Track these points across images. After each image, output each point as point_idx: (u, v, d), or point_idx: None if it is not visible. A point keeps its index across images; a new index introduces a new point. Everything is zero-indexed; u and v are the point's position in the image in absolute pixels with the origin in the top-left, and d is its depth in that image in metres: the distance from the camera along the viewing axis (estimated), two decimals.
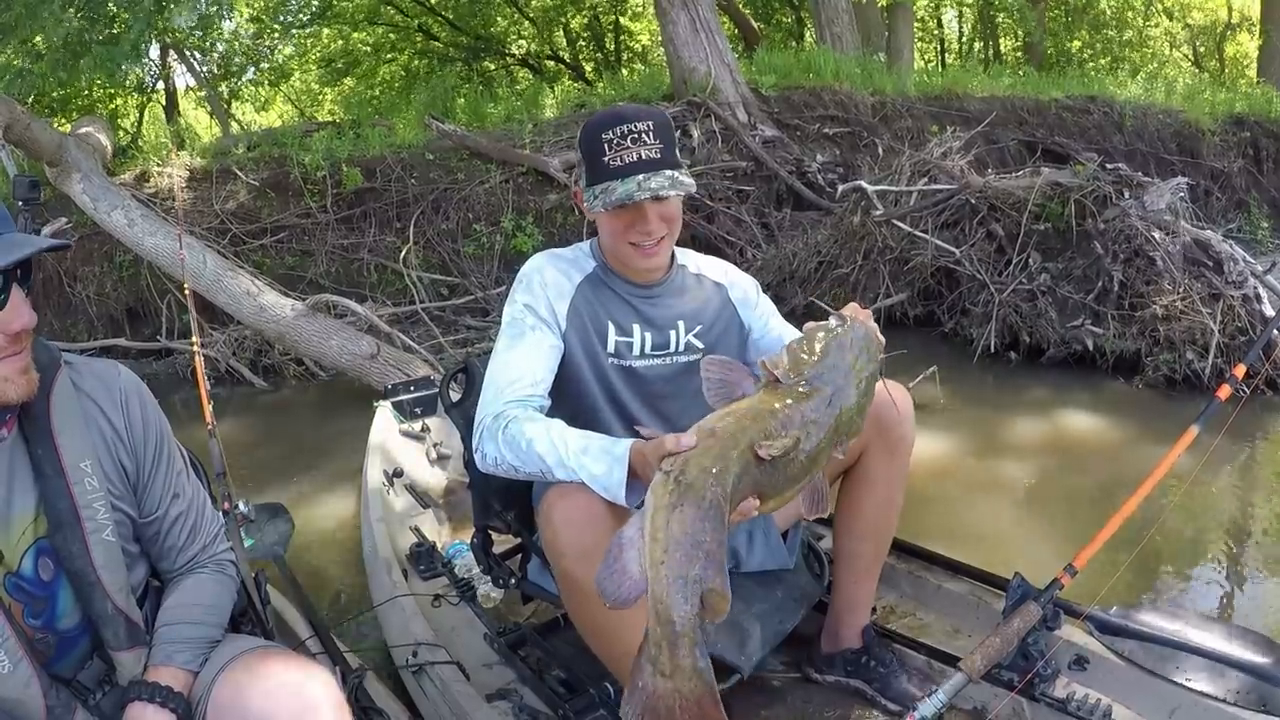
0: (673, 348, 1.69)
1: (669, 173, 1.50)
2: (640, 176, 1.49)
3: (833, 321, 1.31)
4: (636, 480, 1.31)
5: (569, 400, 1.63)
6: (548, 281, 1.63)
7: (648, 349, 1.67)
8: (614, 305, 1.66)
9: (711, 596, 1.07)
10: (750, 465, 1.15)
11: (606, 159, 1.51)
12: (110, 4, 7.78)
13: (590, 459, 1.35)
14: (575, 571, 1.36)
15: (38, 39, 7.59)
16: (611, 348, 1.65)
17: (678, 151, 1.56)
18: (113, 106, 10.34)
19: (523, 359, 1.56)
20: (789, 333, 1.74)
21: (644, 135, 1.51)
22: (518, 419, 1.46)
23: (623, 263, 1.64)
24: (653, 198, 1.50)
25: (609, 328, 1.65)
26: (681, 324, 1.69)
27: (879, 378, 1.34)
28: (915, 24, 14.59)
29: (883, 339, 1.35)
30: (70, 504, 1.15)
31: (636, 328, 1.66)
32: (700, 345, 1.70)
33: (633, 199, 1.49)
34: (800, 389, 1.23)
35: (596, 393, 1.65)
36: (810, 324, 1.32)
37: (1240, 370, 1.90)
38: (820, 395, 1.23)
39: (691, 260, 1.77)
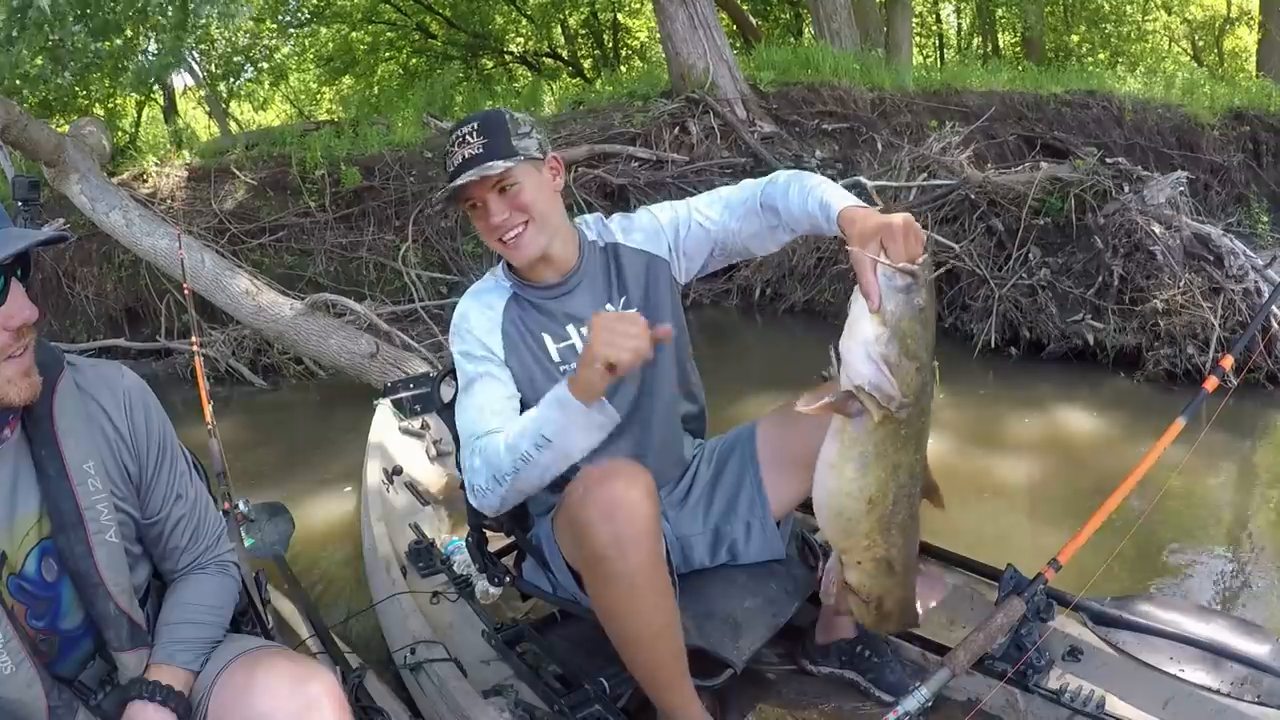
0: None
1: (489, 162, 1.51)
2: (465, 174, 1.51)
3: (905, 293, 1.12)
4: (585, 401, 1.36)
5: None
6: (473, 324, 1.64)
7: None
8: (539, 317, 1.66)
9: None
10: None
11: (448, 169, 1.56)
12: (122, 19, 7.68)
13: (550, 420, 1.38)
14: (608, 554, 1.38)
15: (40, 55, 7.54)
16: (557, 358, 1.64)
17: (515, 139, 1.55)
18: (111, 106, 10.33)
19: (481, 402, 1.57)
20: (703, 204, 1.69)
21: (468, 136, 1.54)
22: (484, 444, 1.48)
23: (517, 267, 1.65)
24: (481, 178, 1.51)
25: (545, 340, 1.64)
26: (608, 305, 1.68)
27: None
28: (913, 19, 14.56)
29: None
30: (74, 505, 1.15)
31: (570, 329, 1.65)
32: (632, 311, 1.66)
33: (449, 193, 1.54)
34: (912, 405, 1.16)
35: None
36: (894, 308, 1.13)
37: (1228, 362, 1.91)
38: (926, 391, 1.17)
39: (595, 231, 1.74)
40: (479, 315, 1.65)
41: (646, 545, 1.39)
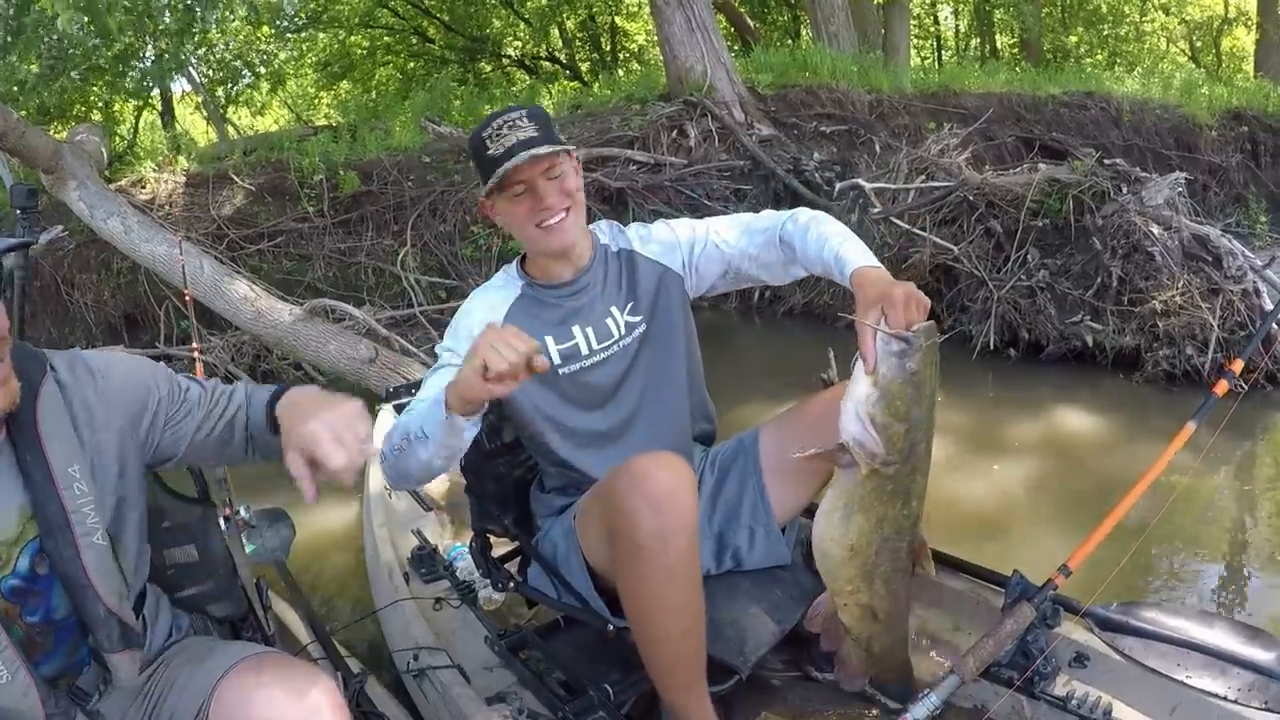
0: (616, 335, 1.68)
1: (544, 145, 1.52)
2: (523, 152, 1.51)
3: (898, 357, 1.19)
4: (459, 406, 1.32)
5: (527, 427, 1.68)
6: (475, 321, 1.61)
7: (594, 345, 1.66)
8: (547, 316, 1.66)
9: None
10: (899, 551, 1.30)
11: (490, 151, 1.54)
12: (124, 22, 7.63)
13: (431, 418, 1.37)
14: (650, 545, 1.39)
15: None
16: (558, 359, 1.64)
17: (559, 135, 1.57)
18: (109, 112, 10.32)
19: (434, 381, 1.55)
20: (722, 226, 1.71)
21: (518, 121, 1.55)
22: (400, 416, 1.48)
23: (541, 258, 1.65)
24: (532, 159, 1.51)
25: (547, 342, 1.64)
26: (614, 308, 1.69)
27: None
28: (911, 21, 14.59)
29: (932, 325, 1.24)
30: (60, 509, 1.15)
31: (576, 329, 1.66)
32: (639, 318, 1.70)
33: (514, 164, 1.51)
34: (900, 463, 1.21)
35: (548, 410, 1.66)
36: (886, 370, 1.20)
37: (1237, 365, 1.90)
38: (916, 451, 1.23)
39: (608, 236, 1.76)
40: (484, 313, 1.63)
41: (687, 539, 1.40)
